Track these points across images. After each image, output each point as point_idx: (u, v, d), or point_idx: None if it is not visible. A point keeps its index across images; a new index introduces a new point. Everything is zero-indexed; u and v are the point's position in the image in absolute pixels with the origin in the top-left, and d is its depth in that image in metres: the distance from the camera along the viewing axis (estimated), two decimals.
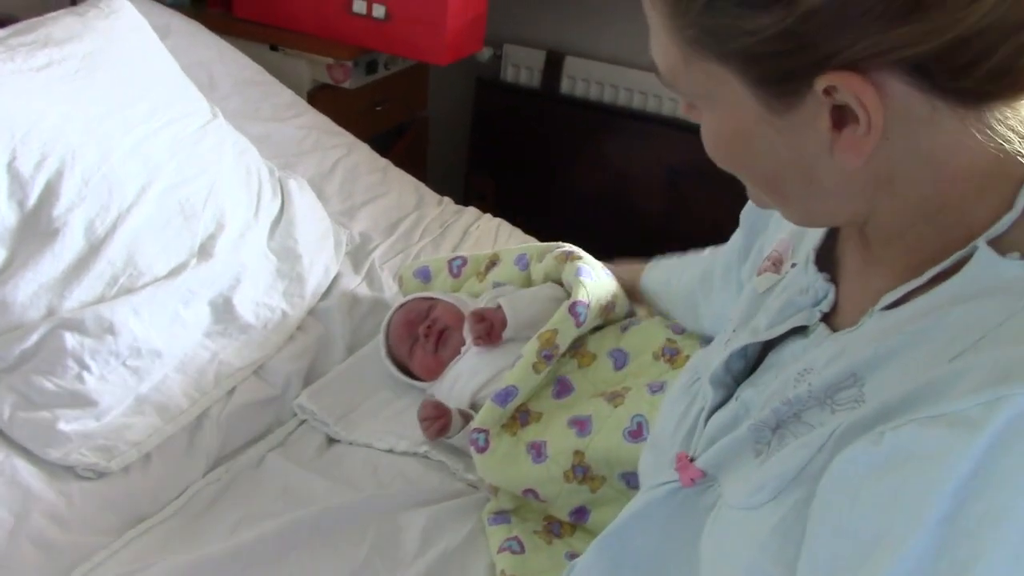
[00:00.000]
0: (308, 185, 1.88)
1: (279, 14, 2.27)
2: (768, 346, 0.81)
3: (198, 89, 1.82)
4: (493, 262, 1.62)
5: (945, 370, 0.59)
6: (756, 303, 0.86)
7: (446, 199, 2.13)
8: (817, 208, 0.70)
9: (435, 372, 1.51)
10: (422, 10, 2.15)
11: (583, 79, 2.76)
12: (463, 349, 1.49)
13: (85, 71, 1.55)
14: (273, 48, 2.27)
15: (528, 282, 1.55)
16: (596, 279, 1.43)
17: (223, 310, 1.56)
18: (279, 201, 1.77)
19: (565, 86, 2.79)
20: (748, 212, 1.05)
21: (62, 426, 1.33)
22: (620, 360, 1.38)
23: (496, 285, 1.59)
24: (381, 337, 1.59)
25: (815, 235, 0.81)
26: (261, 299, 1.62)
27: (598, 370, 1.38)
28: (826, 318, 0.75)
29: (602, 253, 1.52)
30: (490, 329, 1.44)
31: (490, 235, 2.03)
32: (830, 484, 0.63)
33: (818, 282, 0.77)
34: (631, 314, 1.51)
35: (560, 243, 1.55)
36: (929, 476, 0.56)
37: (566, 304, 1.38)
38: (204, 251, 1.57)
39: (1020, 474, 0.54)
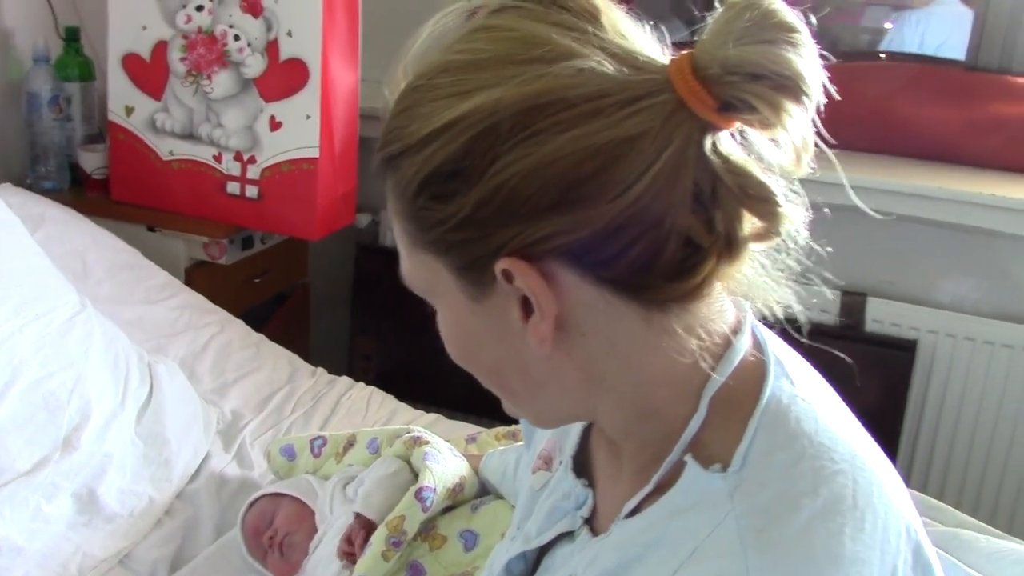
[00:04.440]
0: (178, 368, 1.93)
1: (155, 196, 2.34)
2: (546, 547, 0.84)
3: (72, 277, 1.87)
4: (351, 443, 1.67)
5: None
6: (532, 501, 0.89)
7: (320, 370, 2.19)
8: (543, 406, 0.74)
9: (290, 573, 1.54)
10: (292, 190, 2.24)
11: None
12: (312, 544, 1.52)
13: None
14: (151, 229, 2.34)
15: None
16: (443, 462, 1.48)
17: (87, 501, 1.58)
18: (148, 387, 1.81)
19: None
20: None
21: None
22: (470, 541, 1.43)
23: (350, 466, 1.64)
24: (239, 535, 1.61)
25: (573, 438, 0.85)
26: (127, 486, 1.64)
27: (449, 552, 1.42)
28: (591, 521, 0.79)
29: (483, 406, 1.53)
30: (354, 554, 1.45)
31: (361, 404, 2.08)
32: None
33: (577, 488, 0.81)
34: (483, 492, 1.55)
35: (410, 427, 1.62)
36: None
37: (413, 489, 1.43)
38: (68, 444, 1.59)
39: None
